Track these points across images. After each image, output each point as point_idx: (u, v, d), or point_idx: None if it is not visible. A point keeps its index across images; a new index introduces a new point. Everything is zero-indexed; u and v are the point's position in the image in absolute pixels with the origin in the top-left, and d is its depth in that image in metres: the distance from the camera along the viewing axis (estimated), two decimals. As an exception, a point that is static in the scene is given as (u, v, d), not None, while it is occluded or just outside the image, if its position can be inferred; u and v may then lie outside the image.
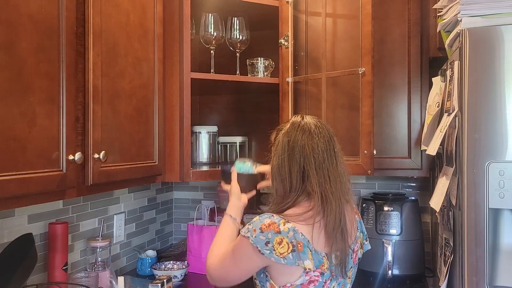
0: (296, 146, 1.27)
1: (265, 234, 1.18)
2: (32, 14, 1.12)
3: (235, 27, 2.06)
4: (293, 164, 1.27)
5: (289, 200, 1.27)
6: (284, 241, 1.17)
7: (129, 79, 1.57)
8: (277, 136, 1.35)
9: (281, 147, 1.30)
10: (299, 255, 1.18)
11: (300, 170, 1.26)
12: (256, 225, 1.20)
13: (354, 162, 1.76)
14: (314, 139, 1.27)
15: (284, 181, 1.28)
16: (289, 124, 1.33)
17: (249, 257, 1.22)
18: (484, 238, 1.27)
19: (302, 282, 1.21)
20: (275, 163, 1.31)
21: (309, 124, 1.30)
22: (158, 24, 1.76)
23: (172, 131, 1.86)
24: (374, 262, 2.03)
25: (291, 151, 1.28)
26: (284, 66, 2.03)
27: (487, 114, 1.28)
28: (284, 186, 1.29)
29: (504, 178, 1.26)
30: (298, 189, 1.27)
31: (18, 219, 1.56)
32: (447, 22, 1.48)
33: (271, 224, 1.19)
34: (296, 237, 1.18)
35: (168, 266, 2.12)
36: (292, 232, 1.18)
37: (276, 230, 1.18)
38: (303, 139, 1.27)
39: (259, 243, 1.18)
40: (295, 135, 1.29)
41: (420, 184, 2.33)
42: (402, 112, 2.04)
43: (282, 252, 1.17)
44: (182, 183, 2.66)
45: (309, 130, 1.29)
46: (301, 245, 1.18)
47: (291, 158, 1.27)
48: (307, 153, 1.26)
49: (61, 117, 1.23)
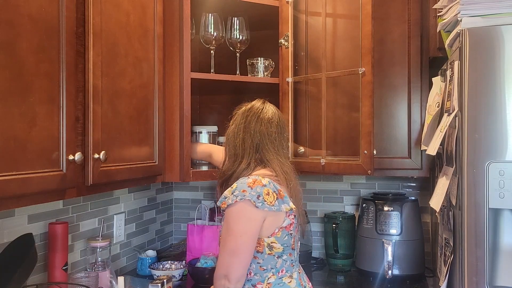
0: (252, 122, 1.48)
1: (254, 190, 1.35)
2: (32, 14, 1.12)
3: (235, 27, 2.06)
4: (247, 135, 1.48)
5: (243, 165, 1.46)
6: (270, 192, 1.37)
7: (129, 79, 1.57)
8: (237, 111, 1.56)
9: (240, 119, 1.51)
10: (282, 200, 1.39)
11: (253, 141, 1.47)
12: (242, 186, 1.36)
13: (354, 162, 1.76)
14: (270, 121, 1.49)
15: (237, 147, 1.48)
16: (250, 105, 1.54)
17: (248, 216, 1.36)
18: (484, 238, 1.27)
19: (286, 225, 1.41)
20: (231, 131, 1.52)
21: (267, 110, 1.51)
22: (158, 24, 1.76)
23: (172, 131, 1.86)
24: (374, 262, 2.04)
25: (247, 124, 1.49)
26: (284, 66, 2.03)
27: (487, 114, 1.28)
28: (236, 151, 1.48)
29: (504, 178, 1.26)
30: (251, 156, 1.46)
31: (18, 219, 1.56)
32: (447, 22, 1.48)
33: (254, 181, 1.37)
34: (275, 186, 1.40)
35: (166, 266, 2.12)
36: (271, 184, 1.39)
37: (261, 184, 1.37)
38: (260, 119, 1.49)
39: (253, 198, 1.34)
40: (253, 115, 1.50)
41: (420, 184, 2.33)
42: (402, 112, 2.04)
43: (271, 201, 1.36)
44: (182, 183, 2.66)
45: (267, 115, 1.50)
46: (281, 191, 1.40)
47: (246, 130, 1.48)
48: (262, 130, 1.47)
49: (61, 117, 1.23)
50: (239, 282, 1.36)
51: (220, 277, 1.37)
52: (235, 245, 1.35)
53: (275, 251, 1.40)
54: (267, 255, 1.40)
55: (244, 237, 1.35)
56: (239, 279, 1.36)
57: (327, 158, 1.87)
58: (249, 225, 1.35)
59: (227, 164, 1.52)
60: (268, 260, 1.40)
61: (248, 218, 1.35)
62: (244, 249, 1.35)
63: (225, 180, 1.49)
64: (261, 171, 1.45)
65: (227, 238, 1.37)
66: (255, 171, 1.46)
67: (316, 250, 2.43)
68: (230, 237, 1.36)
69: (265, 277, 1.41)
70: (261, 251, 1.39)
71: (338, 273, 2.21)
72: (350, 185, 2.43)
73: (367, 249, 2.09)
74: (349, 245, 2.23)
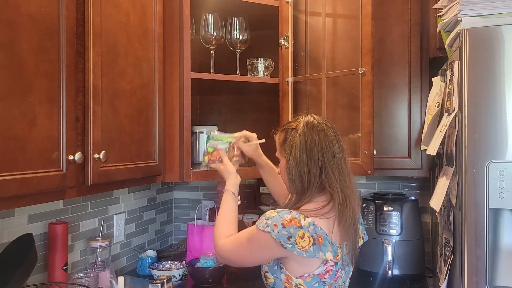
0: (315, 146, 1.32)
1: (287, 229, 1.23)
2: (32, 14, 1.12)
3: (235, 27, 2.06)
4: (312, 164, 1.31)
5: (306, 197, 1.32)
6: (305, 235, 1.23)
7: (129, 79, 1.57)
8: (286, 136, 1.38)
9: (300, 147, 1.33)
10: (320, 248, 1.24)
11: (318, 168, 1.31)
12: (277, 220, 1.25)
13: (354, 162, 1.76)
14: (329, 137, 1.33)
15: (303, 180, 1.32)
16: (302, 125, 1.36)
17: (268, 248, 1.27)
18: (484, 238, 1.27)
19: (320, 272, 1.27)
20: (293, 163, 1.33)
21: (321, 123, 1.35)
22: (158, 24, 1.76)
23: (172, 131, 1.86)
24: (374, 262, 2.03)
25: (309, 151, 1.32)
26: (284, 66, 2.03)
27: (487, 114, 1.28)
28: (303, 185, 1.33)
29: (504, 178, 1.26)
30: (316, 186, 1.32)
31: (18, 219, 1.56)
32: (447, 22, 1.48)
33: (292, 219, 1.24)
34: (316, 231, 1.24)
35: (166, 266, 2.12)
36: (312, 227, 1.24)
37: (297, 225, 1.23)
38: (320, 139, 1.32)
39: (282, 238, 1.23)
40: (312, 135, 1.33)
41: (420, 184, 2.33)
42: (402, 112, 2.04)
43: (304, 246, 1.23)
44: (182, 183, 2.66)
45: (324, 130, 1.34)
46: (321, 238, 1.25)
47: (310, 158, 1.32)
48: (325, 152, 1.32)
49: (61, 117, 1.23)
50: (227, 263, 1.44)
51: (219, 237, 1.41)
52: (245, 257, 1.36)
53: None
54: None
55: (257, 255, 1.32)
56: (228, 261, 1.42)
57: (327, 158, 1.86)
58: (266, 254, 1.30)
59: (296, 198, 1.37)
60: None
61: (266, 249, 1.28)
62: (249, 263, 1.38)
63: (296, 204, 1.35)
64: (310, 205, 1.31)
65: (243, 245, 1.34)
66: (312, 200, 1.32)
67: (316, 250, 2.43)
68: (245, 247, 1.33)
69: None
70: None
71: (338, 273, 2.21)
72: (350, 185, 2.42)
73: (367, 249, 2.08)
74: (349, 245, 2.23)
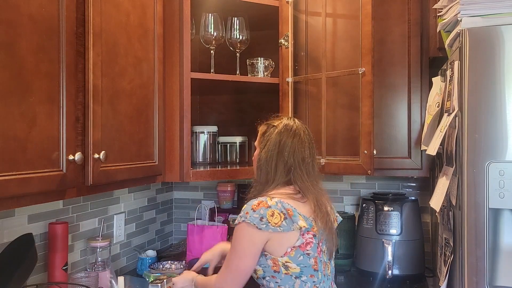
0: (287, 148, 1.45)
1: (257, 212, 1.34)
2: (32, 14, 1.12)
3: (235, 27, 2.06)
4: (280, 162, 1.45)
5: (268, 186, 1.44)
6: (275, 213, 1.34)
7: (129, 79, 1.57)
8: (267, 129, 1.51)
9: (273, 143, 1.46)
10: (291, 219, 1.35)
11: (286, 167, 1.44)
12: (247, 208, 1.36)
13: (354, 162, 1.76)
14: (303, 143, 1.46)
15: (268, 173, 1.46)
16: (282, 125, 1.49)
17: (249, 239, 1.35)
18: (484, 238, 1.27)
19: (300, 244, 1.36)
20: (264, 156, 1.47)
21: (299, 129, 1.48)
22: (158, 24, 1.76)
23: (172, 131, 1.86)
24: (374, 262, 2.03)
25: (281, 150, 1.45)
26: (284, 66, 2.03)
27: (487, 114, 1.28)
28: (267, 177, 1.46)
29: (504, 178, 1.26)
30: (280, 181, 1.44)
31: (18, 219, 1.56)
32: (447, 22, 1.48)
33: (260, 203, 1.36)
34: (284, 206, 1.36)
35: (166, 266, 2.12)
36: (280, 204, 1.36)
37: (265, 206, 1.35)
38: (293, 142, 1.45)
39: (255, 221, 1.33)
40: (287, 137, 1.46)
41: (420, 184, 2.33)
42: (402, 112, 2.04)
43: (276, 222, 1.33)
44: (182, 183, 2.66)
45: (299, 135, 1.47)
46: (290, 210, 1.36)
47: (280, 156, 1.45)
48: (296, 155, 1.44)
49: (61, 117, 1.23)
50: None
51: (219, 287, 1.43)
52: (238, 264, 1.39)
53: (292, 271, 1.36)
54: (284, 275, 1.37)
55: (247, 257, 1.37)
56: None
57: (327, 158, 1.87)
58: (250, 246, 1.36)
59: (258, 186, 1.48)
60: (285, 280, 1.37)
61: (249, 239, 1.36)
62: (244, 267, 1.38)
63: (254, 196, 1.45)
64: (276, 190, 1.43)
65: (232, 255, 1.40)
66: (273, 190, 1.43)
67: (316, 250, 2.43)
68: (234, 255, 1.39)
69: None
70: (277, 271, 1.37)
71: (338, 273, 2.21)
72: (350, 185, 2.43)
73: (367, 249, 2.09)
74: (349, 245, 2.23)
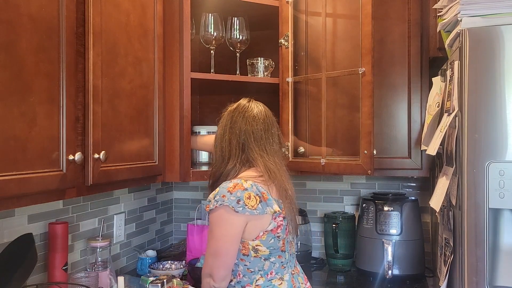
0: (237, 122, 1.48)
1: (234, 194, 1.35)
2: (32, 14, 1.12)
3: (235, 27, 2.06)
4: (233, 136, 1.47)
5: (230, 166, 1.46)
6: (251, 195, 1.36)
7: (129, 79, 1.57)
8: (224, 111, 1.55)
9: (225, 120, 1.51)
10: (266, 203, 1.38)
11: (239, 141, 1.47)
12: (222, 192, 1.37)
13: (354, 162, 1.76)
14: (257, 119, 1.48)
15: (223, 149, 1.49)
16: (235, 105, 1.54)
17: (227, 221, 1.36)
18: (484, 238, 1.27)
19: (273, 228, 1.40)
20: (218, 133, 1.53)
21: (252, 107, 1.51)
22: (158, 24, 1.76)
23: (172, 131, 1.86)
24: (374, 262, 2.04)
25: (233, 124, 1.49)
26: (284, 66, 2.03)
27: (487, 114, 1.28)
28: (222, 153, 1.49)
29: (504, 178, 1.26)
30: (237, 157, 1.46)
31: (18, 219, 1.56)
32: (447, 22, 1.48)
33: (235, 185, 1.37)
34: (259, 189, 1.38)
35: (166, 266, 2.12)
36: (255, 187, 1.38)
37: (242, 188, 1.36)
38: (245, 117, 1.48)
39: (232, 203, 1.34)
40: (238, 114, 1.49)
41: (420, 184, 2.33)
42: (402, 112, 2.04)
43: (253, 205, 1.35)
44: (182, 183, 2.66)
45: (252, 112, 1.49)
46: (265, 194, 1.39)
47: (232, 130, 1.48)
48: (247, 129, 1.47)
49: (61, 117, 1.23)
50: (224, 281, 1.41)
51: (205, 275, 1.43)
52: (216, 247, 1.39)
53: (261, 253, 1.40)
54: (253, 258, 1.40)
55: (225, 240, 1.38)
56: (222, 278, 1.40)
57: (327, 158, 1.87)
58: (229, 230, 1.37)
59: (214, 165, 1.52)
60: (254, 263, 1.41)
61: (227, 223, 1.36)
62: (224, 251, 1.38)
63: (214, 182, 1.50)
64: (246, 173, 1.45)
65: (210, 240, 1.41)
66: (241, 173, 1.45)
67: (316, 250, 2.43)
68: (211, 240, 1.40)
69: (253, 279, 1.42)
70: (246, 254, 1.40)
71: (338, 273, 2.21)
72: (350, 185, 2.43)
73: (367, 249, 2.09)
74: (349, 245, 2.23)
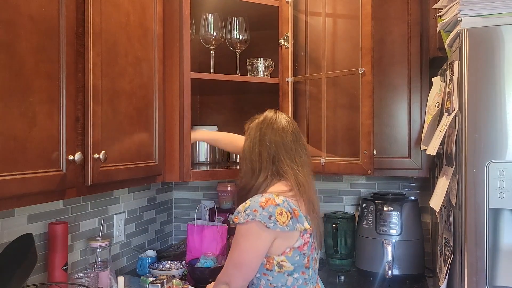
0: (267, 134, 1.46)
1: (266, 210, 1.32)
2: (32, 14, 1.12)
3: (235, 27, 2.06)
4: (263, 148, 1.45)
5: (261, 179, 1.43)
6: (283, 211, 1.33)
7: (129, 79, 1.57)
8: (250, 124, 1.53)
9: (254, 133, 1.48)
10: (297, 220, 1.36)
11: (270, 154, 1.44)
12: (254, 206, 1.33)
13: (354, 162, 1.76)
14: (286, 131, 1.46)
15: (253, 162, 1.45)
16: (262, 117, 1.51)
17: (257, 236, 1.33)
18: (484, 238, 1.27)
19: (299, 245, 1.37)
20: (246, 146, 1.49)
21: (280, 118, 1.49)
22: (158, 24, 1.76)
23: (172, 131, 1.86)
24: (374, 262, 2.04)
25: (262, 137, 1.46)
26: (284, 66, 2.03)
27: (487, 114, 1.28)
28: (253, 165, 1.46)
29: (504, 178, 1.26)
30: (268, 170, 1.43)
31: (18, 219, 1.56)
32: (447, 22, 1.48)
33: (268, 200, 1.34)
34: (290, 206, 1.36)
35: (166, 266, 2.12)
36: (286, 203, 1.36)
37: (274, 203, 1.33)
38: (274, 129, 1.46)
39: (264, 219, 1.31)
40: (267, 126, 1.47)
41: (420, 184, 2.33)
42: (402, 112, 2.04)
43: (284, 221, 1.32)
44: (182, 183, 2.66)
45: (280, 123, 1.47)
46: (296, 211, 1.36)
47: (262, 143, 1.45)
48: (277, 140, 1.45)
49: (61, 117, 1.23)
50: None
51: (221, 282, 1.40)
52: (240, 259, 1.37)
53: (285, 269, 1.37)
54: (277, 273, 1.37)
55: (250, 254, 1.35)
56: None
57: (327, 158, 1.87)
58: (257, 244, 1.34)
59: (244, 179, 1.48)
60: (278, 278, 1.38)
61: (256, 237, 1.34)
62: (247, 264, 1.36)
63: (244, 195, 1.45)
64: (276, 187, 1.42)
65: (234, 251, 1.38)
66: (272, 186, 1.43)
67: (316, 250, 2.43)
68: (236, 251, 1.37)
69: None
70: (270, 269, 1.37)
71: (338, 273, 2.21)
72: (350, 185, 2.43)
73: (367, 249, 2.09)
74: (349, 245, 2.23)
